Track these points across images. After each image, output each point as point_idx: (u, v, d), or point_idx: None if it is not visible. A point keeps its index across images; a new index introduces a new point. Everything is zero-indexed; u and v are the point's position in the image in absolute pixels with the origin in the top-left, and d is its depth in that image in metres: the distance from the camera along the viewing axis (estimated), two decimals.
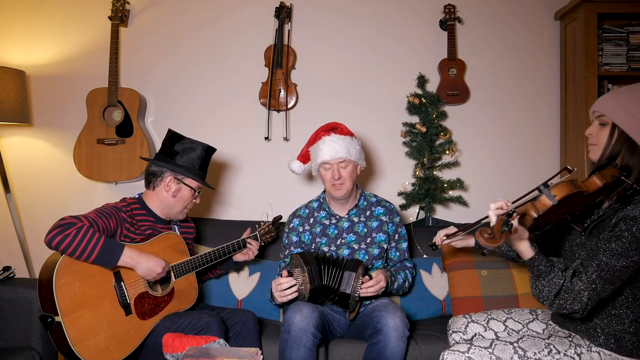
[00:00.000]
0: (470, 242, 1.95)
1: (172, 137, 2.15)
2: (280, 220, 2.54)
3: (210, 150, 2.19)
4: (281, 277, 2.07)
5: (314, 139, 2.28)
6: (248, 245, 2.32)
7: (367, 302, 2.22)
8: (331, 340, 2.17)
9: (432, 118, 2.81)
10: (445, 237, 1.76)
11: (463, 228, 1.78)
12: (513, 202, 1.45)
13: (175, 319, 1.98)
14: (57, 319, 1.77)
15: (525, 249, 1.48)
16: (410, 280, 2.30)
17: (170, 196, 2.12)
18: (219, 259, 2.24)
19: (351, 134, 2.26)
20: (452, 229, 1.86)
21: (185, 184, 2.12)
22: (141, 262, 1.91)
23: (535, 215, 1.37)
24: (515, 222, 1.37)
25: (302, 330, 1.91)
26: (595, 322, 1.55)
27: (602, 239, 1.46)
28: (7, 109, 2.59)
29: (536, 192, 1.41)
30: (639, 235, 1.39)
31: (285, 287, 2.04)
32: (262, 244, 2.40)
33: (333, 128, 2.26)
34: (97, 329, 1.84)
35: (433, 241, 1.79)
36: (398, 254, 2.32)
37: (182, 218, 2.23)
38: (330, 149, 2.18)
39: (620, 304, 1.52)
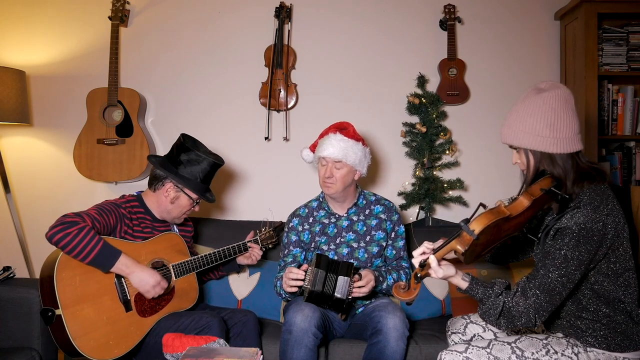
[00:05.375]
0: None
1: (180, 146, 2.12)
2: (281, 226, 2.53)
3: (216, 165, 2.16)
4: (298, 268, 2.09)
5: (324, 133, 2.28)
6: (250, 249, 2.30)
7: (367, 302, 2.22)
8: (331, 340, 2.17)
9: (432, 118, 2.81)
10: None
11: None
12: (444, 242, 1.52)
13: (176, 318, 1.99)
14: (57, 312, 1.79)
15: (459, 282, 1.54)
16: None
17: (168, 202, 2.12)
18: (220, 260, 2.23)
19: (357, 139, 2.24)
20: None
21: (185, 193, 2.12)
22: (135, 272, 1.91)
23: (462, 250, 1.45)
24: (434, 265, 1.47)
25: (303, 330, 1.91)
26: (578, 324, 1.57)
27: (543, 253, 1.50)
28: (7, 109, 2.59)
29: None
30: (573, 244, 1.43)
31: (292, 277, 2.05)
32: (263, 249, 2.39)
33: (342, 128, 2.25)
34: (97, 324, 1.86)
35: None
36: (394, 252, 2.32)
37: (179, 222, 2.23)
38: (330, 146, 2.19)
39: (587, 303, 1.54)
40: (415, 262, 1.52)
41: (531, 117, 1.52)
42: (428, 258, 1.48)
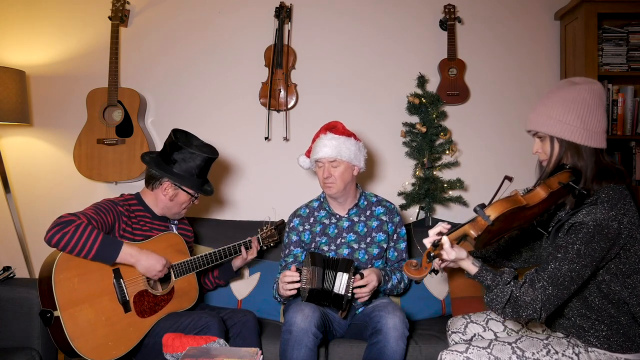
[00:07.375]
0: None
1: (172, 145, 2.12)
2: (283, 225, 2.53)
3: (210, 160, 2.16)
4: (290, 270, 2.08)
5: (315, 136, 2.30)
6: (250, 249, 2.29)
7: (367, 302, 2.22)
8: (331, 340, 2.17)
9: (432, 118, 2.80)
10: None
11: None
12: (458, 225, 1.49)
13: (175, 318, 1.99)
14: (55, 313, 1.79)
15: (468, 266, 1.52)
16: (406, 281, 2.30)
17: (167, 199, 2.13)
18: (220, 260, 2.23)
19: (347, 134, 2.25)
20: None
21: (182, 189, 2.13)
22: (141, 259, 1.92)
23: (475, 235, 1.42)
24: (447, 246, 1.43)
25: (303, 330, 1.91)
26: (582, 323, 1.56)
27: (555, 246, 1.48)
28: (7, 109, 2.59)
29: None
30: (587, 239, 1.42)
31: (288, 280, 2.05)
32: (265, 247, 2.39)
33: (331, 127, 2.27)
34: (96, 325, 1.85)
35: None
36: (396, 254, 2.32)
37: (180, 217, 2.24)
38: (323, 147, 2.20)
39: (592, 302, 1.54)
40: (429, 241, 1.49)
41: (562, 106, 1.50)
42: (441, 239, 1.46)
